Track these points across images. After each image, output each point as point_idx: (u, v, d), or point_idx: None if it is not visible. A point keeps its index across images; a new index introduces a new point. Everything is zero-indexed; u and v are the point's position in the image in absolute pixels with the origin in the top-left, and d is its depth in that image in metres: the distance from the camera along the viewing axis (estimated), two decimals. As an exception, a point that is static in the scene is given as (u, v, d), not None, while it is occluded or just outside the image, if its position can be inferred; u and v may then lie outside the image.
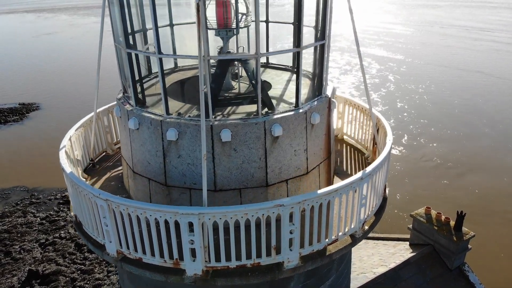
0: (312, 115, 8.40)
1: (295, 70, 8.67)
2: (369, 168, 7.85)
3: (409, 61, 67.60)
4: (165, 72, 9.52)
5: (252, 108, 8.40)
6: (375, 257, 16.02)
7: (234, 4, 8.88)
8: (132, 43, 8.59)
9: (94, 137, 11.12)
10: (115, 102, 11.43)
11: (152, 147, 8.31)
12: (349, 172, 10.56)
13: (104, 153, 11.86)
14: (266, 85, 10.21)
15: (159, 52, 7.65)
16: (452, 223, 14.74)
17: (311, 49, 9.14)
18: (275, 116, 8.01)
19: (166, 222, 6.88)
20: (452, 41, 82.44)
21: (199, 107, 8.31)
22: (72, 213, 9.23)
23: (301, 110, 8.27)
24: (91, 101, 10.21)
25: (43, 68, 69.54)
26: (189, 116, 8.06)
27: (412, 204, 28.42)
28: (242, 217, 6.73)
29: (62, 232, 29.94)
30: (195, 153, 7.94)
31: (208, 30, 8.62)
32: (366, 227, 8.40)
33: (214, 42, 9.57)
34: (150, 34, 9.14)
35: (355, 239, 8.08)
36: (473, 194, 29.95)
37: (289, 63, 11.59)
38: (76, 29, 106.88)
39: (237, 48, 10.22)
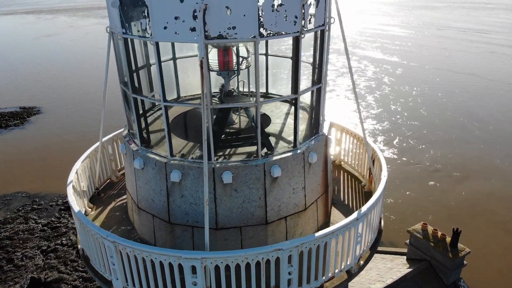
0: (310, 155, 8.77)
1: (294, 105, 8.98)
2: (364, 208, 8.22)
3: (405, 63, 68.14)
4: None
5: (252, 148, 8.78)
6: (373, 272, 16.36)
7: (235, 48, 9.23)
8: (138, 86, 8.95)
9: (99, 167, 11.48)
10: (120, 131, 11.85)
11: (156, 186, 8.68)
12: (346, 202, 10.93)
13: (108, 180, 12.21)
14: (265, 119, 10.58)
15: (164, 100, 8.01)
16: (448, 239, 15.12)
17: (309, 76, 9.51)
18: (274, 158, 8.38)
19: (170, 264, 7.26)
20: (448, 43, 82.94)
21: (201, 146, 8.70)
22: (79, 246, 9.59)
23: (299, 151, 8.64)
24: (92, 105, 10.56)
25: (43, 71, 69.66)
26: (192, 158, 8.42)
27: (403, 208, 28.96)
28: (242, 261, 7.10)
29: (63, 239, 30.19)
30: (197, 193, 8.31)
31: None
32: (362, 262, 8.78)
33: (216, 75, 9.95)
34: (155, 76, 9.49)
35: (351, 275, 8.46)
36: (462, 197, 30.44)
37: (288, 91, 11.93)
38: (76, 31, 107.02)
39: (238, 82, 10.57)
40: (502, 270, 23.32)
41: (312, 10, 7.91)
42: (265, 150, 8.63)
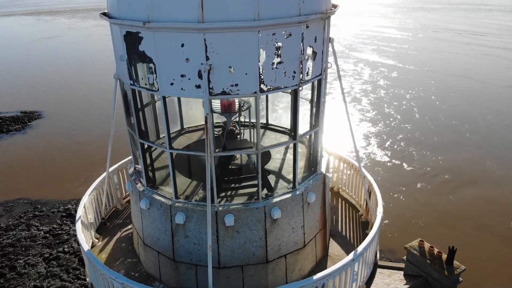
0: (309, 195, 9.20)
1: (293, 148, 9.37)
2: (360, 248, 8.67)
3: (400, 66, 68.60)
4: (172, 136, 10.31)
5: (254, 188, 9.21)
6: (370, 288, 16.76)
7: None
8: (145, 130, 9.37)
9: (106, 197, 11.90)
10: (125, 160, 12.30)
11: (161, 225, 9.10)
12: (344, 233, 11.36)
13: (114, 209, 12.63)
14: (265, 153, 11.00)
15: (170, 147, 8.43)
16: (444, 256, 15.56)
17: (307, 106, 9.91)
18: (274, 200, 8.81)
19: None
20: (444, 45, 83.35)
21: (204, 185, 9.13)
22: (88, 279, 10.02)
23: (298, 192, 9.08)
24: (93, 110, 10.87)
25: (44, 74, 69.40)
26: (196, 200, 8.85)
27: (393, 212, 29.46)
28: (245, 304, 7.55)
29: (65, 246, 30.37)
30: (200, 234, 8.73)
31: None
32: (357, 297, 9.22)
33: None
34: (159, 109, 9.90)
35: (347, 311, 8.89)
36: (450, 201, 30.94)
37: (287, 122, 12.36)
38: (76, 33, 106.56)
39: (239, 117, 10.99)
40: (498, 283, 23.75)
41: (309, 64, 8.33)
42: (265, 191, 9.04)
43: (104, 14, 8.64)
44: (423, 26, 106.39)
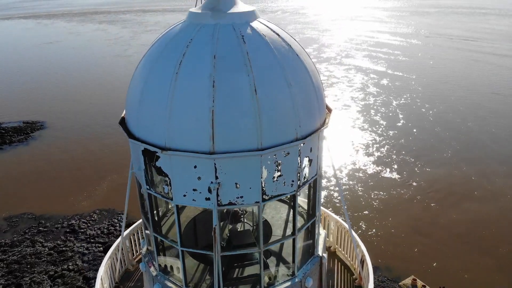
0: (307, 280, 10.20)
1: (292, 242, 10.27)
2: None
3: (390, 72, 69.89)
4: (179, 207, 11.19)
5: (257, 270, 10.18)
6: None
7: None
8: (157, 220, 10.33)
9: (119, 263, 12.87)
10: (137, 224, 13.25)
11: (174, 308, 10.09)
12: (338, 300, 12.38)
13: (125, 270, 13.59)
14: (266, 225, 11.93)
15: (182, 245, 9.41)
16: (435, 295, 16.70)
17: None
18: (275, 290, 9.80)
19: None
20: (435, 51, 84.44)
21: (211, 269, 10.10)
22: None
23: (297, 280, 10.07)
24: (96, 119, 11.59)
25: (46, 82, 69.05)
26: (204, 289, 9.85)
27: (375, 221, 30.63)
28: None
29: (70, 263, 30.94)
30: (209, 319, 9.72)
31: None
32: None
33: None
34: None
35: None
36: (425, 206, 32.30)
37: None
38: (76, 38, 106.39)
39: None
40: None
41: (306, 170, 9.29)
42: (267, 279, 10.02)
43: (123, 120, 9.56)
44: (416, 31, 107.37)
